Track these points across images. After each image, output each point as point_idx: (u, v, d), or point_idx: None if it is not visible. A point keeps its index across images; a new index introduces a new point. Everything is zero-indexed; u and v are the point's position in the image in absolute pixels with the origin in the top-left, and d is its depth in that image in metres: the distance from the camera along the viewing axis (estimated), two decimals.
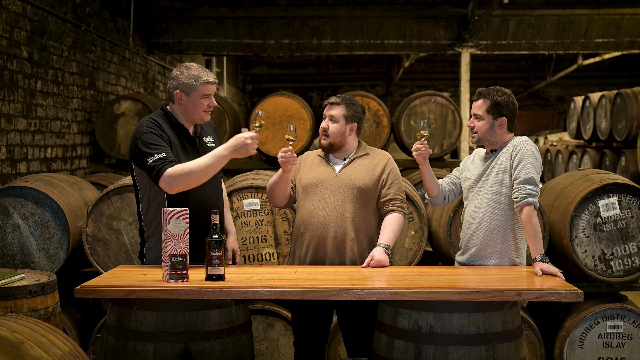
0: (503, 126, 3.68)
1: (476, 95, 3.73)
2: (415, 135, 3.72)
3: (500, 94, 3.68)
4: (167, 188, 3.40)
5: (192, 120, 3.61)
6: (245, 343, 3.29)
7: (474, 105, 3.73)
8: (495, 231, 3.62)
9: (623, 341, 4.49)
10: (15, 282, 3.56)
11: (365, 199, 3.71)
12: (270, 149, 6.78)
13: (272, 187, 3.76)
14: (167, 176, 3.36)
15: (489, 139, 3.70)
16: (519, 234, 3.65)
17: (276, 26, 9.98)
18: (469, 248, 3.71)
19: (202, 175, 3.42)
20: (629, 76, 18.46)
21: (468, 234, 3.71)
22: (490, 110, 3.67)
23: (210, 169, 3.44)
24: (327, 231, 3.64)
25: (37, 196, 4.61)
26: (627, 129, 8.85)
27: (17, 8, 6.03)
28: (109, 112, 7.52)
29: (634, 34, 10.10)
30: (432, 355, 3.07)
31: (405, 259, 4.60)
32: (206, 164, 3.42)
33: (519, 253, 3.66)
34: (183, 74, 3.54)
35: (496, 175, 3.63)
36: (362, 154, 3.81)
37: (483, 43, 10.02)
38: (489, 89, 3.71)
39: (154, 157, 3.39)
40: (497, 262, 3.63)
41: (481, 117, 3.69)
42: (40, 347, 2.60)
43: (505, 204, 3.61)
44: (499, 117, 3.67)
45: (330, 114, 3.76)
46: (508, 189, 3.61)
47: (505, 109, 3.67)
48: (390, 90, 19.66)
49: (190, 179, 3.39)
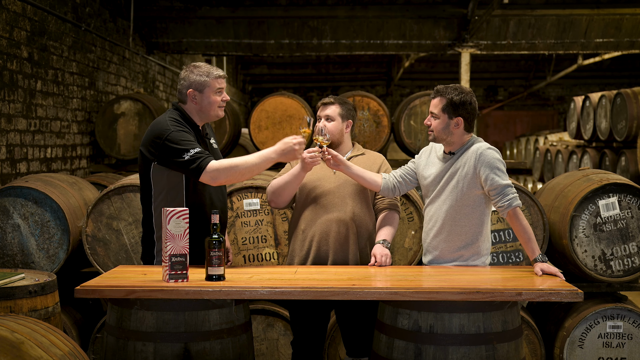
0: (459, 126, 3.57)
1: (433, 93, 3.63)
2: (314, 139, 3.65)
3: (457, 92, 3.56)
4: (210, 180, 3.44)
5: (208, 117, 3.64)
6: (245, 343, 3.29)
7: (431, 103, 3.63)
8: (456, 235, 3.58)
9: (623, 341, 4.49)
10: (15, 282, 3.56)
11: (364, 195, 3.76)
12: None
13: (281, 187, 3.73)
14: (212, 169, 3.41)
15: (444, 138, 3.60)
16: (481, 237, 3.60)
17: (276, 26, 9.98)
18: (431, 251, 3.67)
19: (246, 173, 3.47)
20: (629, 76, 18.46)
21: (430, 236, 3.67)
22: (445, 109, 3.56)
23: (255, 169, 3.49)
24: (330, 228, 3.67)
25: (37, 196, 4.61)
26: (627, 129, 8.85)
27: (17, 8, 6.03)
28: (109, 112, 7.51)
29: (634, 34, 10.10)
30: (432, 355, 3.07)
31: (405, 259, 4.60)
32: (252, 162, 3.47)
33: (481, 253, 3.61)
34: (193, 72, 3.58)
35: (457, 182, 3.56)
36: (358, 153, 3.87)
37: (483, 43, 10.02)
38: (447, 87, 3.60)
39: (191, 152, 3.42)
40: (459, 263, 3.59)
41: (437, 115, 3.58)
42: (40, 347, 2.60)
43: (466, 210, 3.56)
44: (455, 117, 3.56)
45: (326, 113, 3.79)
46: (469, 196, 3.55)
47: (462, 109, 3.56)
48: (390, 90, 19.66)
49: (235, 174, 3.45)
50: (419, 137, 7.02)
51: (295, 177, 3.69)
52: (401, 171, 3.82)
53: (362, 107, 6.81)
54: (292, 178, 3.70)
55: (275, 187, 3.76)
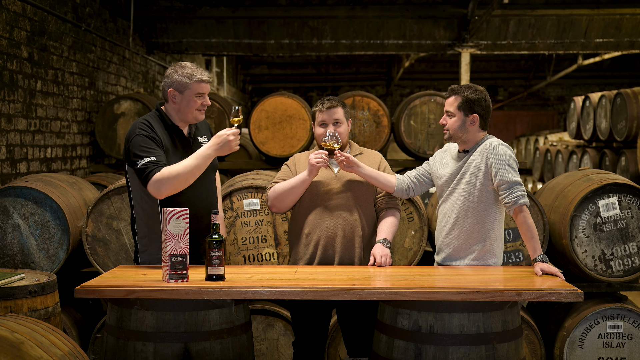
0: (475, 123, 3.62)
1: (448, 92, 3.69)
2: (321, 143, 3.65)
3: (472, 90, 3.62)
4: (156, 193, 3.40)
5: (185, 119, 3.59)
6: (245, 343, 3.29)
7: (447, 102, 3.68)
8: (468, 233, 3.61)
9: (623, 341, 4.49)
10: (15, 282, 3.56)
11: (366, 195, 3.75)
12: (270, 149, 6.78)
13: (285, 193, 3.69)
14: (154, 180, 3.36)
15: (460, 136, 3.64)
16: (493, 235, 3.62)
17: (276, 26, 9.98)
18: (443, 249, 3.70)
19: (189, 177, 3.42)
20: (629, 76, 18.46)
21: (442, 234, 3.70)
22: (461, 106, 3.61)
23: (197, 170, 3.43)
24: (336, 230, 3.65)
25: (37, 196, 4.61)
26: (627, 129, 8.85)
27: (17, 8, 6.03)
28: (109, 112, 7.51)
29: (634, 34, 10.09)
30: (432, 355, 3.07)
31: (405, 259, 4.60)
32: (192, 165, 3.41)
33: (493, 254, 3.64)
34: (177, 72, 3.53)
35: (469, 178, 3.60)
36: (357, 153, 3.84)
37: (483, 43, 10.02)
38: (461, 86, 3.66)
39: (144, 160, 3.39)
40: (470, 263, 3.62)
41: (453, 114, 3.64)
42: (40, 347, 2.60)
43: (479, 207, 3.59)
44: (471, 114, 3.61)
45: (335, 117, 3.73)
46: (482, 192, 3.58)
47: (477, 106, 3.61)
48: (390, 90, 19.66)
49: (178, 182, 3.39)
50: (419, 137, 7.01)
51: (302, 182, 3.65)
52: (415, 172, 3.86)
53: (362, 107, 6.81)
54: (297, 183, 3.66)
55: (279, 192, 3.70)
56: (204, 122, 3.78)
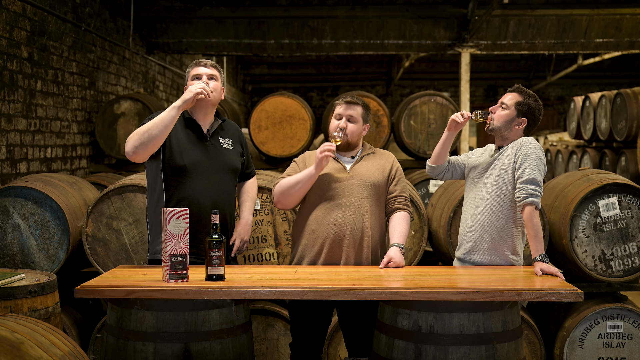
0: (521, 126, 3.70)
1: (513, 88, 3.76)
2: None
3: (534, 99, 3.71)
4: (131, 154, 3.47)
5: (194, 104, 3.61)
6: (245, 343, 3.29)
7: (506, 95, 3.75)
8: (492, 227, 3.62)
9: (623, 341, 4.49)
10: (15, 282, 3.56)
11: (377, 195, 3.68)
12: (270, 149, 6.78)
13: (292, 187, 3.63)
14: (127, 141, 3.49)
15: (502, 131, 3.71)
16: (517, 233, 3.64)
17: (276, 26, 9.98)
18: (466, 242, 3.72)
19: (152, 129, 3.44)
20: (629, 76, 18.45)
21: (466, 227, 3.73)
22: (518, 105, 3.69)
23: (159, 122, 3.44)
24: (345, 229, 3.58)
25: (37, 196, 4.61)
26: (627, 129, 8.85)
27: (17, 8, 6.03)
28: (109, 112, 7.52)
29: (634, 34, 10.09)
30: (432, 355, 3.07)
31: (405, 259, 4.60)
32: (161, 117, 3.46)
33: (515, 252, 3.65)
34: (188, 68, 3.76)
35: (499, 172, 3.65)
36: (369, 152, 3.80)
37: (483, 43, 10.02)
38: (527, 91, 3.74)
39: None
40: (492, 258, 3.63)
41: (507, 107, 3.71)
42: (40, 347, 2.60)
43: (505, 202, 3.61)
44: (522, 117, 3.69)
45: (350, 113, 3.71)
46: (509, 187, 3.61)
47: (531, 114, 3.70)
48: (390, 90, 19.65)
49: (144, 135, 3.43)
50: (419, 137, 7.02)
51: (308, 177, 3.59)
52: (454, 158, 3.93)
53: None
54: (304, 178, 3.60)
55: (285, 187, 3.65)
56: (235, 127, 3.85)
